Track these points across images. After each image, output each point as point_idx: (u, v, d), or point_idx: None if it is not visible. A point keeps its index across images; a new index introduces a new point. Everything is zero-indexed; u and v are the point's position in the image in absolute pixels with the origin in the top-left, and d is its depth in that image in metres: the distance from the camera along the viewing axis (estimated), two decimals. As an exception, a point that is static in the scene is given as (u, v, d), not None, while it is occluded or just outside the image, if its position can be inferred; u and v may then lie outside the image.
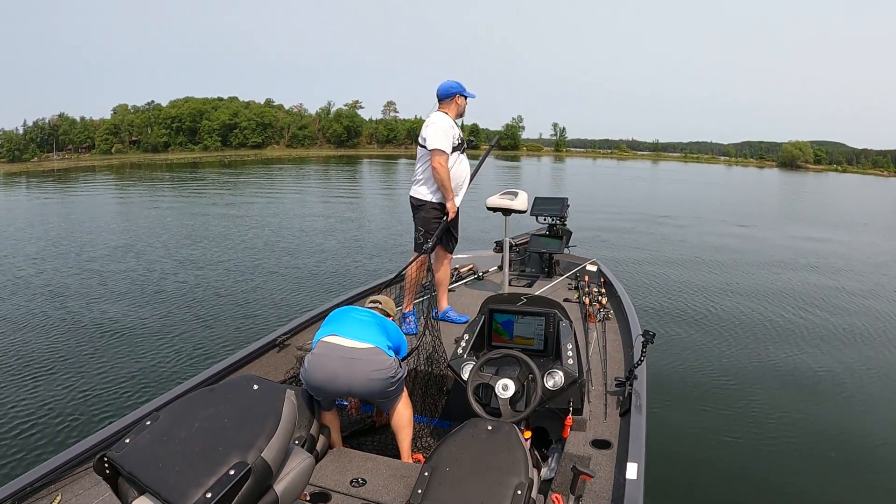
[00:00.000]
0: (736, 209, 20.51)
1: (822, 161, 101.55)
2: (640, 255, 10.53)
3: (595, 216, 15.77)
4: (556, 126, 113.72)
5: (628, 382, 2.71)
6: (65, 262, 9.57)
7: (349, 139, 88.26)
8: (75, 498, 2.00)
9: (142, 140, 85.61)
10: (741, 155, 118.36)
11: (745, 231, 14.77)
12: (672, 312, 6.90)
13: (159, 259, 9.82)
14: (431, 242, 3.69)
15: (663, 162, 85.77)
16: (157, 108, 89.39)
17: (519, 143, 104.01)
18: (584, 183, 34.01)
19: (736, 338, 6.08)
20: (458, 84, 3.74)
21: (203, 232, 12.79)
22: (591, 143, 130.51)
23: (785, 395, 4.77)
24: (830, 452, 3.90)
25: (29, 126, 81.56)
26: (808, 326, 6.60)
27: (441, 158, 3.63)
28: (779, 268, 9.96)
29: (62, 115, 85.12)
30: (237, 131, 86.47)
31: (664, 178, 42.35)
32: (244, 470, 1.26)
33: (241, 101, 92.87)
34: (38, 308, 6.88)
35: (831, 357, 5.64)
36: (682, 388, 4.80)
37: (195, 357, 5.35)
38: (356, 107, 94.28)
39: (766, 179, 50.19)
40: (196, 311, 6.82)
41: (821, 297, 7.96)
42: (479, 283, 4.98)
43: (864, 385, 5.03)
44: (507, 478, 1.75)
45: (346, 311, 2.63)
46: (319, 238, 12.01)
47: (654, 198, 24.86)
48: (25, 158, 73.33)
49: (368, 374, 2.36)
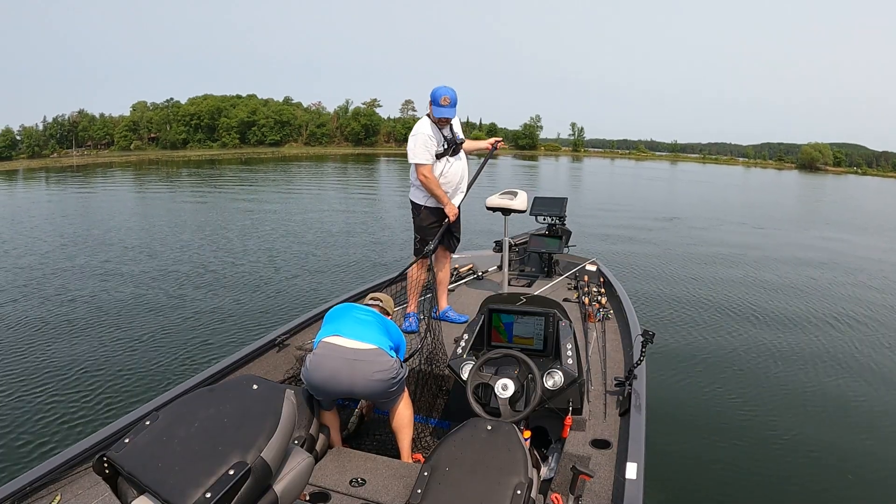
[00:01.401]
0: (747, 211, 20.23)
1: (841, 163, 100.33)
2: (640, 255, 10.53)
3: (600, 216, 15.81)
4: (575, 126, 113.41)
5: (628, 382, 2.71)
6: (64, 261, 9.57)
7: (367, 137, 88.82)
8: (75, 498, 2.00)
9: (160, 137, 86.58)
10: (760, 156, 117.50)
11: (750, 232, 14.67)
12: (672, 312, 6.90)
13: (160, 258, 9.82)
14: (433, 245, 3.69)
15: (681, 163, 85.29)
16: (176, 105, 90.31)
17: (537, 142, 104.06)
18: (601, 182, 34.22)
19: (736, 338, 6.08)
20: (437, 94, 3.57)
21: (207, 231, 12.78)
22: (609, 144, 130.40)
23: (785, 395, 4.77)
24: (831, 452, 3.90)
25: (49, 122, 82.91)
26: (810, 327, 6.60)
27: (424, 170, 3.63)
28: (782, 269, 9.94)
29: (82, 112, 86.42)
30: (255, 129, 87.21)
31: (680, 179, 42.20)
32: (244, 470, 1.26)
33: (260, 99, 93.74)
34: (37, 307, 6.88)
35: (832, 358, 5.64)
36: (682, 388, 4.80)
37: (195, 357, 5.35)
38: (374, 105, 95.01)
39: (783, 181, 49.76)
40: (196, 310, 6.81)
41: (824, 298, 7.96)
42: (479, 283, 4.99)
43: (865, 384, 5.03)
44: (506, 477, 1.75)
45: (347, 309, 2.62)
46: (326, 236, 12.02)
47: (664, 199, 24.62)
48: (45, 154, 74.48)
49: (370, 375, 2.36)
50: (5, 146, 74.54)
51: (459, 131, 3.82)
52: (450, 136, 3.72)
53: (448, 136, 3.71)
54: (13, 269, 8.96)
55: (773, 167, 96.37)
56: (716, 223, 16.01)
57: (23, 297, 7.34)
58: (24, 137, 78.48)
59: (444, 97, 3.55)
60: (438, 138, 3.67)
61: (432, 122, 3.65)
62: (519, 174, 37.04)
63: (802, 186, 43.34)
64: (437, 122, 3.64)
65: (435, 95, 3.58)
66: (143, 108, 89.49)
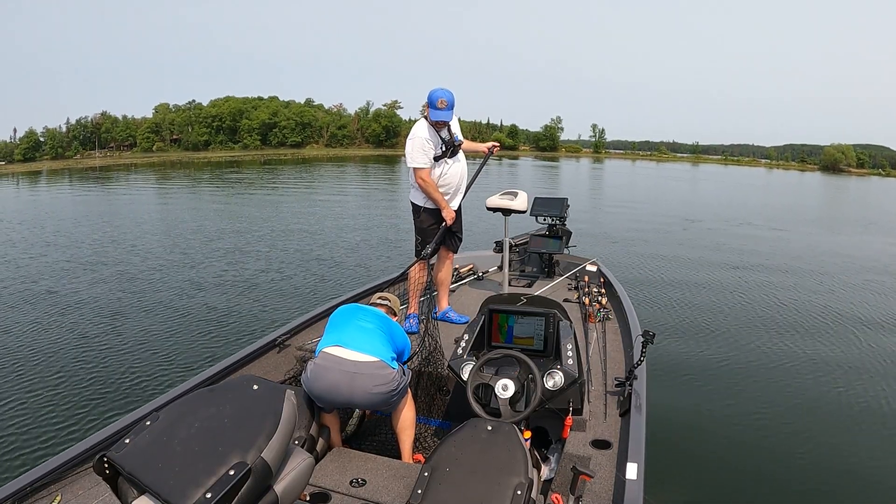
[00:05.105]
0: (763, 213, 19.90)
1: (864, 164, 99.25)
2: (641, 255, 10.53)
3: (609, 216, 15.80)
4: (595, 127, 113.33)
5: (628, 382, 2.71)
6: (65, 262, 9.57)
7: (388, 139, 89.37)
8: (75, 498, 2.00)
9: (182, 138, 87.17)
10: (783, 158, 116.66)
11: (760, 234, 14.50)
12: (673, 313, 6.90)
13: (161, 258, 9.82)
14: (430, 248, 3.68)
15: (703, 164, 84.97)
16: (198, 107, 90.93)
17: (558, 144, 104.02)
18: (618, 184, 34.29)
19: (736, 338, 6.08)
20: (434, 97, 3.53)
21: (214, 231, 12.79)
22: (630, 145, 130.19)
23: (785, 395, 4.77)
24: (831, 452, 3.90)
25: (72, 124, 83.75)
26: (810, 327, 6.60)
27: (422, 173, 3.62)
28: (786, 271, 9.90)
29: (105, 114, 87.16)
30: (276, 130, 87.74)
31: (699, 180, 42.11)
32: (244, 470, 1.26)
33: (281, 101, 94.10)
34: (36, 308, 6.88)
35: (833, 359, 5.63)
36: (682, 389, 4.80)
37: (195, 357, 5.35)
38: (395, 107, 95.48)
39: (805, 183, 49.46)
40: (197, 310, 6.82)
41: (825, 300, 7.94)
42: (479, 284, 4.98)
43: (865, 385, 5.03)
44: (506, 478, 1.75)
45: (352, 315, 2.60)
46: (335, 237, 12.03)
47: (679, 200, 24.32)
48: (68, 155, 75.31)
49: (369, 389, 2.36)
50: (29, 148, 75.41)
51: (458, 132, 3.80)
52: (448, 137, 3.70)
53: (446, 138, 3.69)
54: (13, 270, 8.97)
55: (796, 168, 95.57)
56: (726, 225, 15.86)
57: (23, 297, 7.34)
58: (48, 139, 79.24)
59: (441, 100, 3.51)
60: (436, 141, 3.65)
61: (430, 124, 3.63)
62: (539, 175, 37.93)
63: (824, 188, 43.04)
64: (434, 125, 3.63)
65: (432, 98, 3.54)
66: (165, 110, 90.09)
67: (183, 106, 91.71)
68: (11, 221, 14.80)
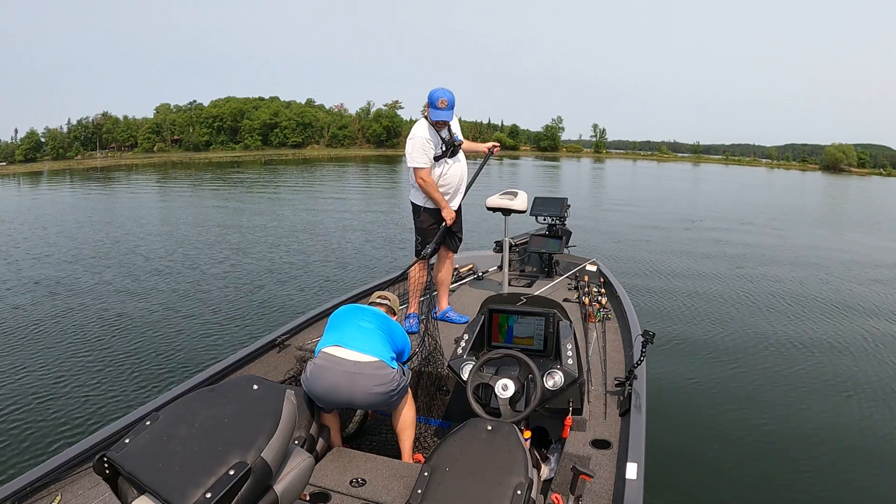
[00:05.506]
0: (763, 212, 19.82)
1: (865, 164, 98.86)
2: (641, 255, 10.52)
3: (609, 216, 15.77)
4: (596, 127, 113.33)
5: (628, 382, 2.71)
6: (66, 263, 9.58)
7: (388, 139, 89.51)
8: (75, 498, 2.00)
9: (183, 139, 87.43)
10: (783, 158, 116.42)
11: (761, 233, 14.49)
12: (673, 312, 6.90)
13: (161, 259, 9.83)
14: (430, 247, 3.69)
15: (704, 164, 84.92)
16: (199, 107, 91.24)
17: (559, 144, 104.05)
18: (619, 184, 34.33)
19: (737, 338, 6.07)
20: (434, 97, 3.53)
21: (214, 231, 12.79)
22: (631, 145, 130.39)
23: (785, 394, 4.77)
24: (831, 452, 3.90)
25: (73, 124, 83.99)
26: (813, 328, 6.59)
27: (422, 173, 3.61)
28: (787, 271, 9.88)
29: (106, 114, 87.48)
30: (277, 131, 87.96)
31: (700, 180, 42.10)
32: (244, 470, 1.26)
33: (282, 101, 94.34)
34: (36, 307, 6.89)
35: (832, 358, 5.63)
36: (682, 388, 4.80)
37: (195, 357, 5.36)
38: (396, 107, 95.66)
39: (806, 182, 49.34)
40: (196, 310, 6.82)
41: (826, 301, 7.93)
42: (479, 283, 4.99)
43: (865, 384, 5.02)
44: (506, 478, 1.75)
45: (352, 315, 2.60)
46: (334, 237, 12.03)
47: (680, 199, 24.36)
48: (70, 156, 75.45)
49: (369, 389, 2.36)
50: (30, 148, 75.64)
51: (458, 132, 3.80)
52: (448, 137, 3.70)
53: (446, 138, 3.69)
54: (14, 270, 8.97)
55: (797, 168, 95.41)
56: (727, 224, 15.83)
57: (24, 298, 7.34)
58: (49, 139, 79.43)
59: (442, 100, 3.51)
60: (436, 141, 3.65)
61: (430, 124, 3.62)
62: (540, 175, 38.06)
63: (825, 188, 42.90)
64: (434, 125, 3.62)
65: (432, 98, 3.54)
66: (166, 111, 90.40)
67: (184, 106, 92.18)
68: (13, 222, 14.81)
